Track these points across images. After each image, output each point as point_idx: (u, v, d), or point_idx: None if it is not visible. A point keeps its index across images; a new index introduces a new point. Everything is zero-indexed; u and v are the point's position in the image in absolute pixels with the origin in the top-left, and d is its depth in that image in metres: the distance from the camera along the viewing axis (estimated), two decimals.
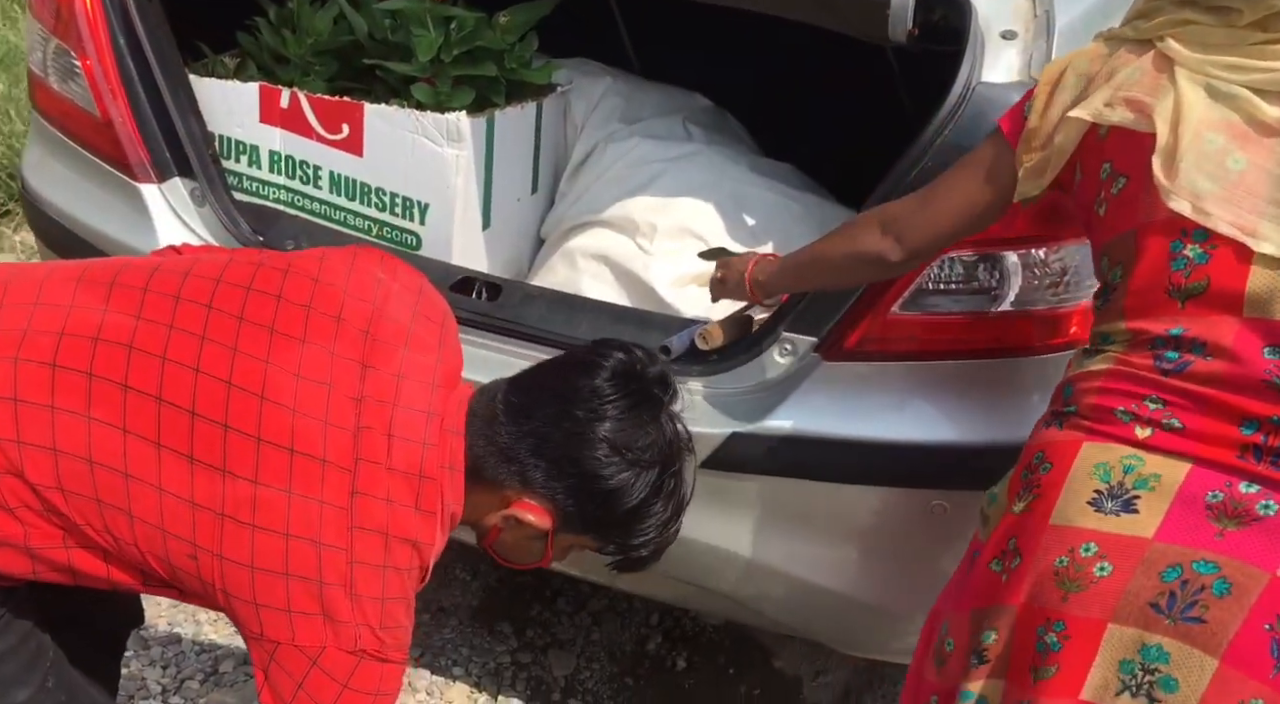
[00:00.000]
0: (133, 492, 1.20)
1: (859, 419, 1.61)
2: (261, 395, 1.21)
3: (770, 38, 2.35)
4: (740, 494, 1.69)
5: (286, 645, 1.21)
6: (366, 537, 1.21)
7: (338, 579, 1.20)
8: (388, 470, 1.23)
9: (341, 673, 1.21)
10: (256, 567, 1.20)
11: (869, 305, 1.57)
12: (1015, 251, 1.53)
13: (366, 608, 1.21)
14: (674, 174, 2.08)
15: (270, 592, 1.20)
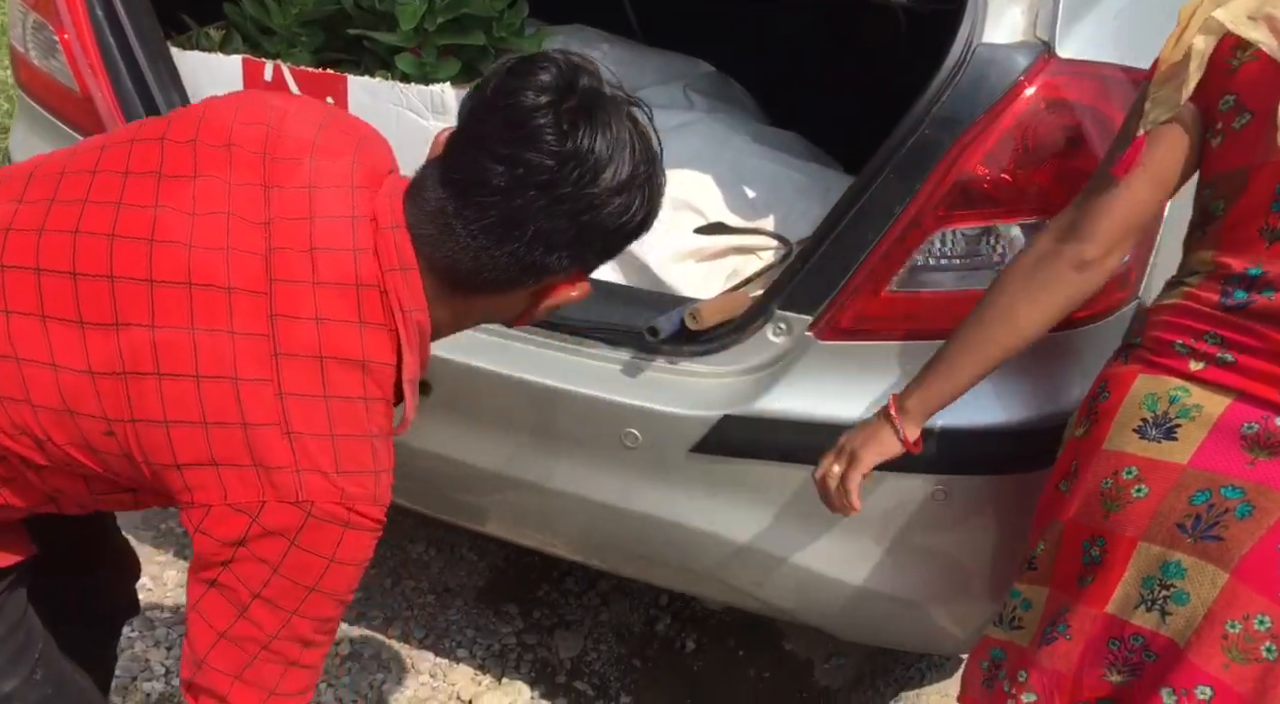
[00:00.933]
0: (28, 376, 1.08)
1: (854, 401, 1.54)
2: (150, 239, 1.09)
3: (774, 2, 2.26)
4: (733, 478, 1.63)
5: (219, 507, 1.07)
6: (295, 363, 1.06)
7: (266, 417, 1.05)
8: (313, 286, 1.08)
9: (287, 527, 1.06)
10: (170, 421, 1.06)
11: (863, 284, 1.50)
12: (1018, 221, 1.45)
13: (310, 448, 1.06)
14: (672, 144, 1.97)
15: (191, 446, 1.06)
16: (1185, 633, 1.25)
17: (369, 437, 1.10)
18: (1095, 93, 1.45)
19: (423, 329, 1.15)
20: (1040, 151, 1.42)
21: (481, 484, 1.83)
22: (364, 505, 1.09)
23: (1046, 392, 1.52)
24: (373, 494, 1.10)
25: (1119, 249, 1.30)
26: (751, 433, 1.58)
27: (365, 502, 1.09)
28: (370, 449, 1.10)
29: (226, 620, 1.11)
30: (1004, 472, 1.54)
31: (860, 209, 1.49)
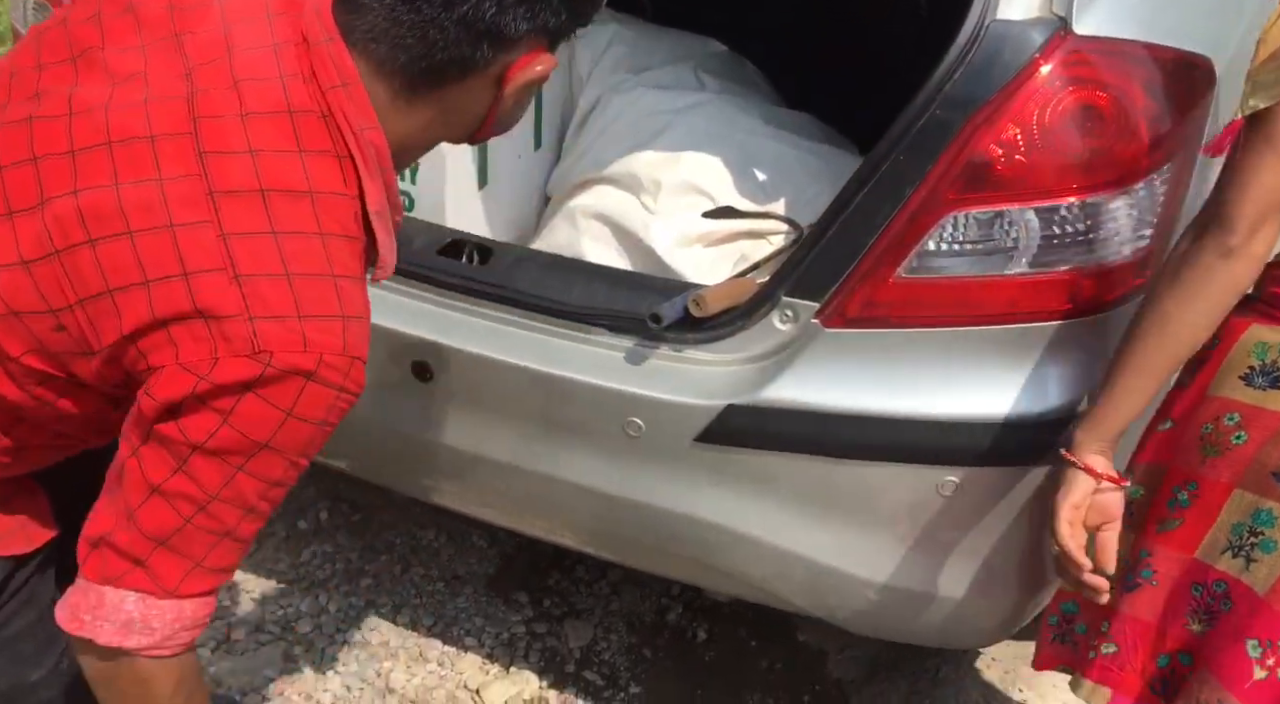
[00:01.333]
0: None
1: (861, 391, 1.49)
2: (69, 113, 1.02)
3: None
4: (738, 469, 1.59)
5: (170, 367, 0.97)
6: (234, 200, 0.97)
7: (210, 263, 0.96)
8: (241, 118, 0.99)
9: (241, 376, 0.97)
10: (113, 289, 0.98)
11: (871, 269, 1.45)
12: (1032, 206, 1.39)
13: (263, 291, 0.96)
14: (681, 126, 1.96)
15: (136, 311, 0.98)
16: (1268, 581, 1.26)
17: (332, 277, 1.00)
18: (1115, 71, 1.39)
19: (379, 150, 1.05)
20: (1057, 132, 1.37)
21: (485, 473, 1.80)
22: (331, 356, 0.98)
23: (1073, 378, 1.47)
24: (341, 343, 0.99)
25: (1262, 231, 1.21)
26: (756, 423, 1.54)
27: (332, 351, 0.98)
28: (334, 290, 0.99)
29: (162, 473, 1.01)
30: (1019, 463, 1.49)
31: (869, 192, 1.44)
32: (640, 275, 1.76)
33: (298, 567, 2.48)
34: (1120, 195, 1.39)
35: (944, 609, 1.67)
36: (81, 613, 1.06)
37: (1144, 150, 1.39)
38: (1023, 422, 1.46)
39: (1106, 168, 1.38)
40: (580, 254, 1.89)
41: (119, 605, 1.04)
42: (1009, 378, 1.47)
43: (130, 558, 1.04)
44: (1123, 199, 1.40)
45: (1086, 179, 1.37)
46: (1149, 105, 1.40)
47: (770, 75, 2.34)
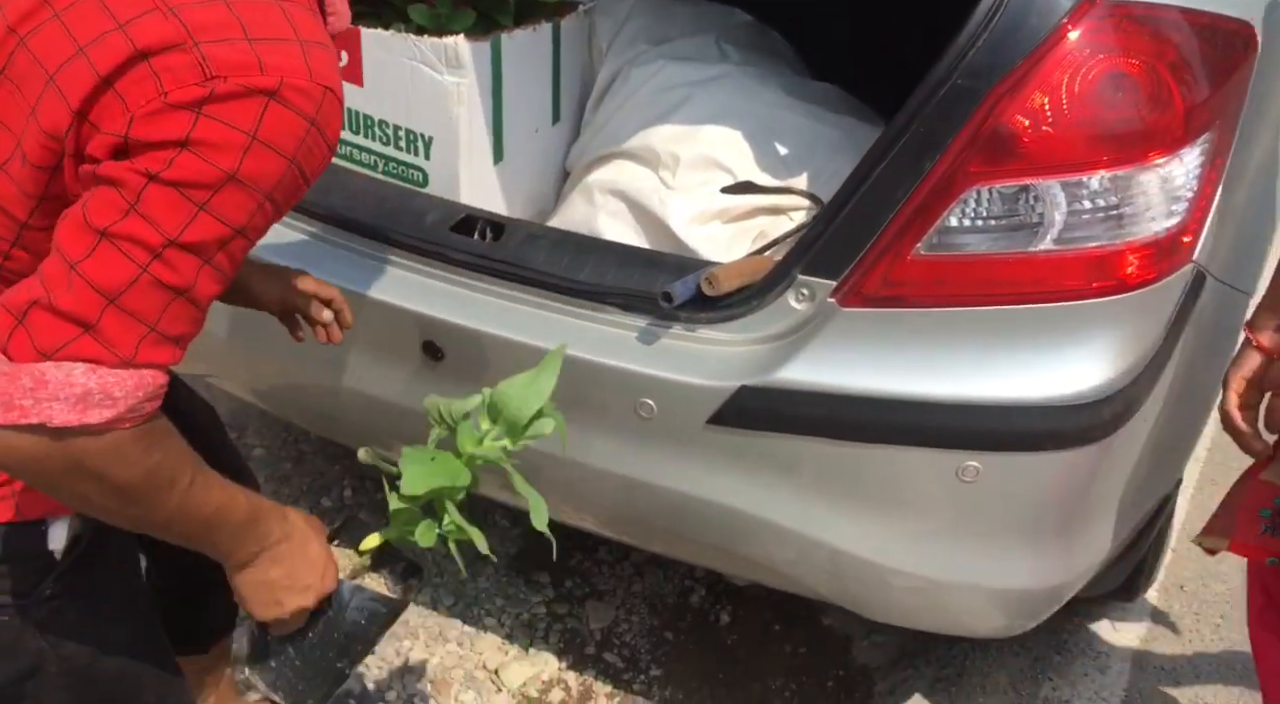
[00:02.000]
0: None
1: (879, 372, 1.44)
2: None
3: None
4: (752, 452, 1.55)
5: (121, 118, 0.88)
6: None
7: (140, 7, 0.90)
8: None
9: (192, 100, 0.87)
10: (53, 74, 0.91)
11: (889, 246, 1.39)
12: (1059, 179, 1.33)
13: (201, 17, 0.89)
14: (701, 99, 1.90)
15: (78, 81, 0.89)
16: None
17: (277, 4, 0.92)
18: (1147, 36, 1.32)
19: None
20: (1086, 101, 1.30)
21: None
22: (294, 78, 0.89)
23: (1103, 360, 1.40)
24: (304, 67, 0.90)
25: None
26: (770, 404, 1.49)
27: (295, 74, 0.89)
28: (282, 15, 0.92)
29: (111, 215, 0.89)
30: (1044, 448, 1.43)
31: (887, 165, 1.38)
32: (654, 253, 1.72)
33: None
34: (1152, 168, 1.33)
35: (967, 598, 1.62)
36: (17, 399, 0.88)
37: (1178, 120, 1.33)
38: (1048, 405, 1.40)
39: (1138, 139, 1.31)
40: (596, 231, 1.85)
41: (66, 380, 0.88)
42: (1034, 359, 1.41)
43: (74, 321, 0.89)
44: (1155, 172, 1.33)
45: (1116, 151, 1.30)
46: (1184, 73, 1.33)
47: (798, 45, 2.27)
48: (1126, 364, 1.39)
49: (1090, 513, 1.55)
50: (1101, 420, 1.40)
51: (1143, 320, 1.40)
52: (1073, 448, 1.41)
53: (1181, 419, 1.64)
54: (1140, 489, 1.63)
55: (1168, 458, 1.67)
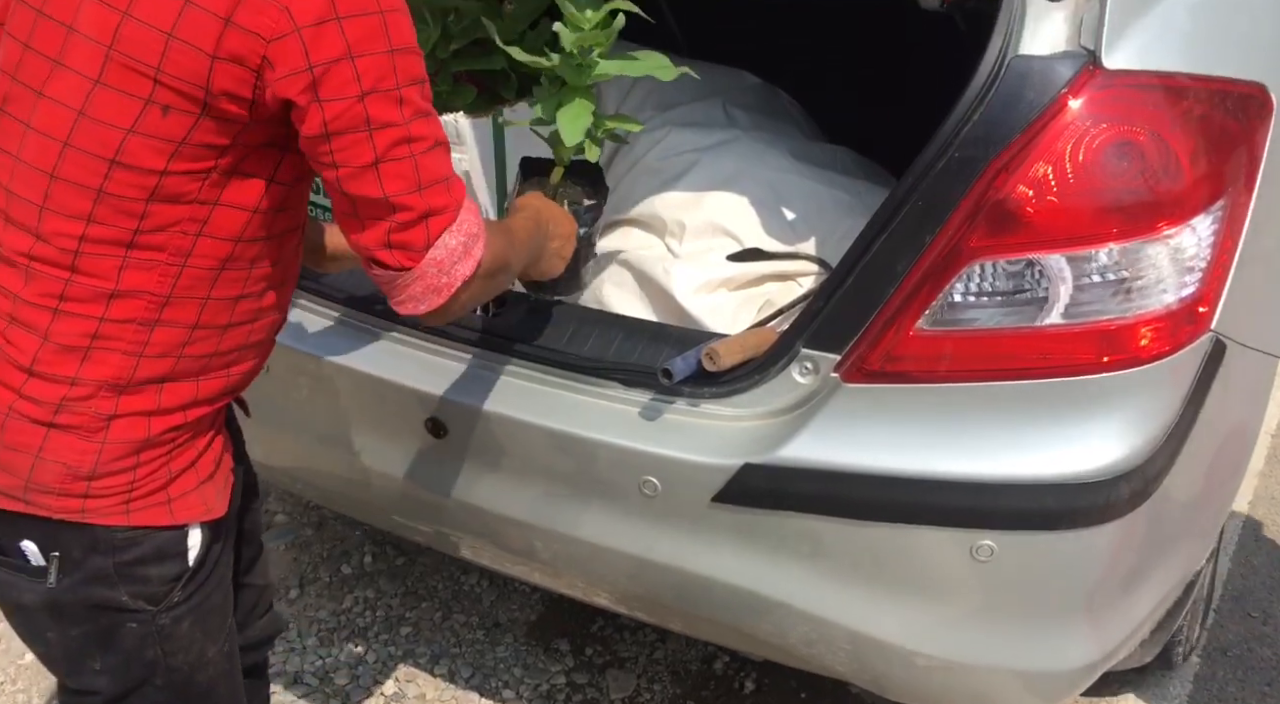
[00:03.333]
0: (81, 142, 1.09)
1: (886, 450, 1.40)
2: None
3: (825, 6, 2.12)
4: (760, 531, 1.50)
5: (268, 51, 1.04)
6: None
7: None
8: None
9: (320, 10, 1.04)
10: (172, 32, 1.05)
11: (891, 321, 1.36)
12: (1064, 252, 1.29)
13: None
14: (707, 165, 1.88)
15: (204, 32, 1.05)
16: None
17: None
18: (1152, 105, 1.28)
19: None
20: (1089, 172, 1.26)
21: (505, 531, 1.74)
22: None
23: (1107, 438, 1.35)
24: None
25: None
26: (776, 483, 1.45)
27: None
28: None
29: (367, 148, 1.08)
30: (1059, 528, 1.38)
31: (888, 238, 1.35)
32: (658, 326, 1.69)
33: (339, 614, 2.45)
34: (1162, 239, 1.28)
35: (993, 680, 1.56)
36: (439, 283, 1.16)
37: (1188, 190, 1.28)
38: (1063, 483, 1.35)
39: (1145, 210, 1.27)
40: (602, 300, 1.83)
41: (448, 251, 1.14)
42: (1047, 436, 1.36)
43: (419, 216, 1.12)
44: (1165, 243, 1.28)
45: (1123, 223, 1.26)
46: (1192, 140, 1.28)
47: (808, 106, 2.25)
48: (1143, 439, 1.34)
49: (1117, 590, 1.48)
50: (1120, 498, 1.35)
51: (1159, 393, 1.35)
52: (1091, 526, 1.36)
53: (1211, 489, 1.57)
54: (1171, 562, 1.57)
55: (1199, 529, 1.61)
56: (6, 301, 1.16)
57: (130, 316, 1.14)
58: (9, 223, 1.14)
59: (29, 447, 1.16)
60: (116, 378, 1.16)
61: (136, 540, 1.21)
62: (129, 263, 1.12)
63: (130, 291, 1.13)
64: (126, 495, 1.19)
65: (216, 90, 1.07)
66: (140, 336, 1.15)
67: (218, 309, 1.18)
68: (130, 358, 1.15)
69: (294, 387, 1.77)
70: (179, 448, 1.22)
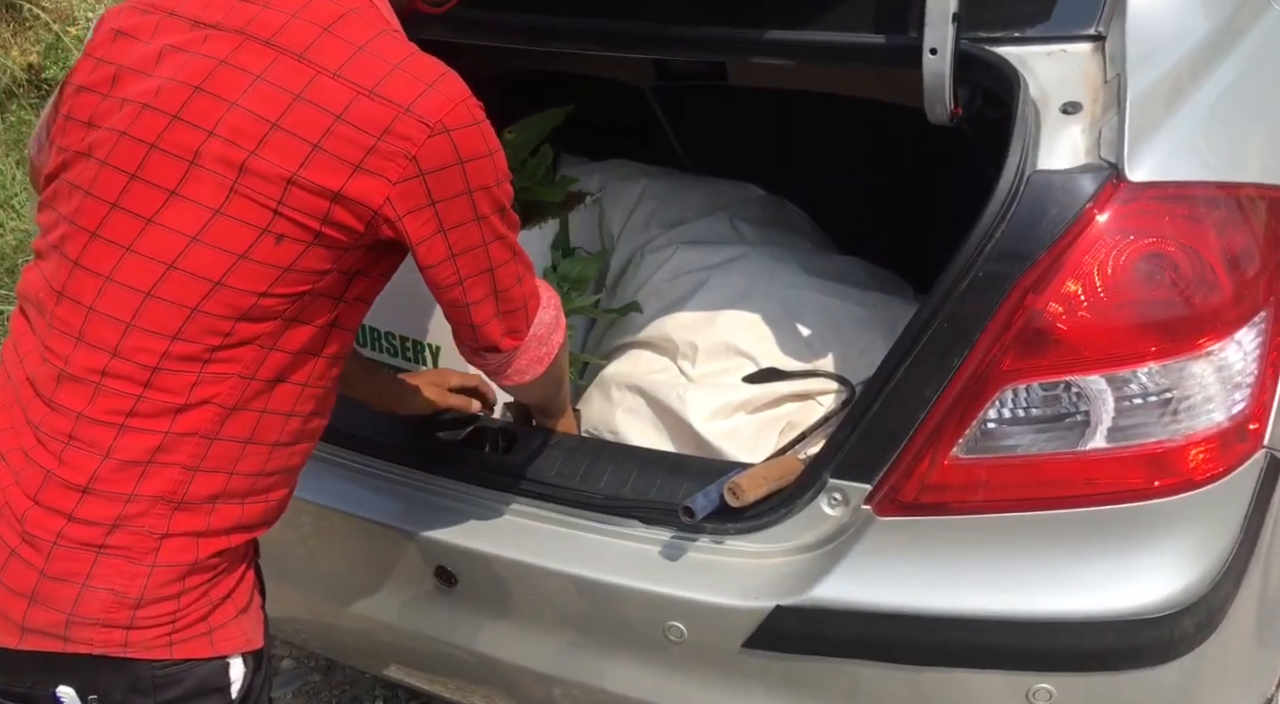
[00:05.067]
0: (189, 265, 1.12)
1: (927, 586, 1.31)
2: (146, 107, 1.16)
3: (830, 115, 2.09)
4: (795, 678, 1.41)
5: (390, 188, 1.11)
6: (316, 51, 1.14)
7: (345, 98, 1.11)
8: (264, 7, 1.17)
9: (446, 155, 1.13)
10: (294, 175, 1.10)
11: (925, 448, 1.28)
12: (1102, 373, 1.22)
13: (395, 84, 1.12)
14: (716, 283, 1.83)
15: (331, 173, 1.11)
16: None
17: (417, 52, 1.17)
18: (1181, 216, 1.23)
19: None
20: (1121, 289, 1.20)
21: (523, 683, 1.64)
22: (469, 98, 1.16)
23: (1165, 569, 1.26)
24: (463, 85, 1.17)
25: None
26: (810, 626, 1.36)
27: (466, 94, 1.16)
28: (428, 57, 1.17)
29: (484, 258, 1.21)
30: (1120, 669, 1.28)
31: (914, 362, 1.29)
32: (677, 457, 1.62)
33: None
34: (1205, 356, 1.21)
35: None
36: (540, 352, 1.34)
37: (1227, 302, 1.22)
38: (1121, 619, 1.25)
39: (1185, 325, 1.20)
40: (615, 429, 1.76)
41: (545, 323, 1.33)
42: (1100, 568, 1.27)
43: (520, 306, 1.28)
44: (1208, 359, 1.21)
45: (1162, 340, 1.20)
46: (1226, 250, 1.22)
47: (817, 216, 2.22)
48: (1204, 568, 1.25)
49: None
50: (1184, 633, 1.25)
51: (1216, 518, 1.26)
52: (1155, 665, 1.26)
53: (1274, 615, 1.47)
54: (1242, 694, 1.46)
55: (1267, 657, 1.50)
56: (67, 422, 1.14)
57: (194, 429, 1.14)
58: (81, 342, 1.14)
59: (76, 575, 1.12)
60: (173, 493, 1.14)
61: (178, 676, 1.17)
62: (203, 377, 1.14)
63: (199, 402, 1.14)
64: (170, 626, 1.16)
65: (333, 221, 1.13)
66: (200, 450, 1.15)
67: (270, 424, 1.20)
68: (187, 473, 1.15)
69: (296, 535, 1.69)
70: (220, 575, 1.20)
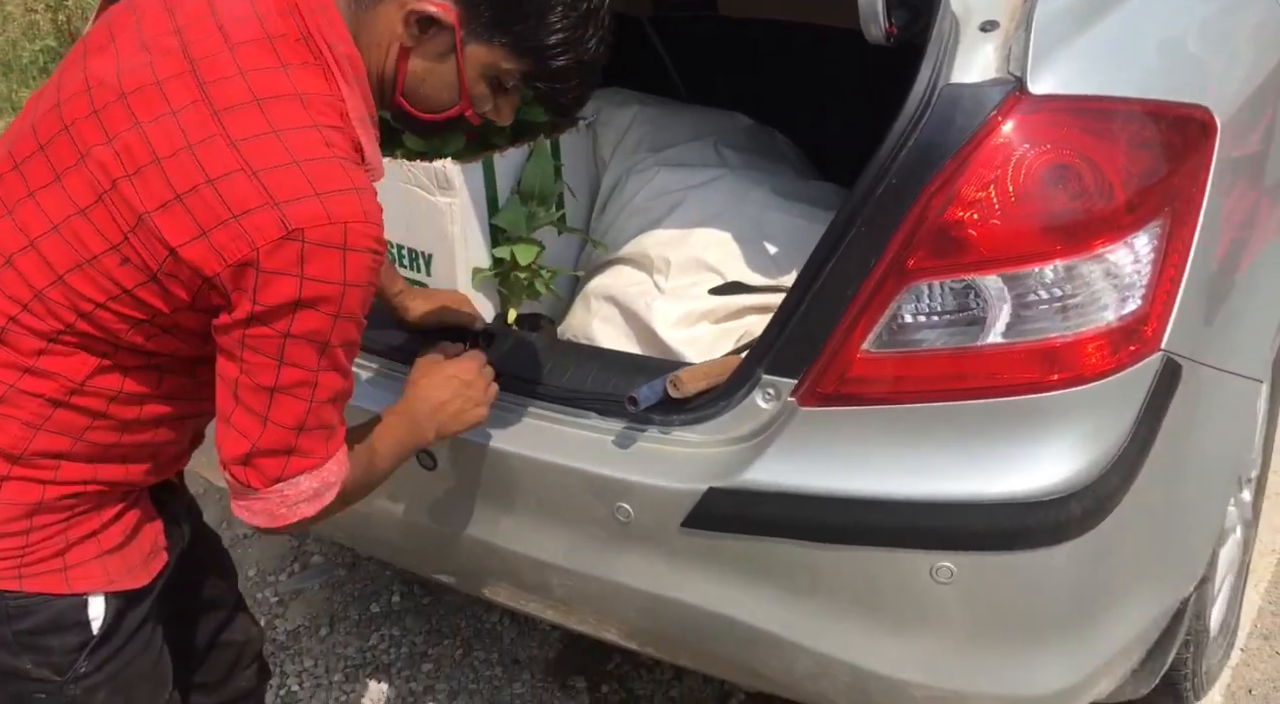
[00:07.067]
0: (44, 252, 1.17)
1: (841, 471, 1.42)
2: (86, 88, 1.18)
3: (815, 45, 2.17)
4: (728, 555, 1.53)
5: (224, 271, 1.11)
6: (235, 113, 1.12)
7: (226, 167, 1.11)
8: (229, 51, 1.15)
9: (289, 264, 1.10)
10: (150, 211, 1.12)
11: (840, 345, 1.39)
12: (999, 272, 1.31)
13: (279, 179, 1.10)
14: (693, 203, 1.94)
15: (177, 227, 1.11)
16: None
17: (335, 159, 1.14)
18: (1078, 127, 1.31)
19: (353, 61, 1.21)
20: (1019, 193, 1.29)
21: (495, 561, 1.79)
22: (355, 224, 1.12)
23: (1056, 457, 1.36)
24: (361, 211, 1.13)
25: None
26: (739, 507, 1.48)
27: (356, 219, 1.13)
28: (341, 169, 1.14)
29: (270, 373, 1.15)
30: (1014, 548, 1.38)
31: (836, 263, 1.39)
32: (638, 357, 1.74)
33: (365, 651, 2.52)
34: (1096, 258, 1.30)
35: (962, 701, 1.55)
36: (278, 512, 1.22)
37: (1119, 209, 1.30)
38: (1013, 502, 1.35)
39: (1079, 230, 1.29)
40: (590, 336, 1.89)
41: (298, 489, 1.21)
42: (997, 455, 1.37)
43: (282, 452, 1.19)
44: (1098, 262, 1.30)
45: (1057, 242, 1.28)
46: (1121, 161, 1.30)
47: (811, 146, 2.30)
48: (1092, 458, 1.34)
49: (1083, 614, 1.47)
50: (1071, 517, 1.35)
51: (1107, 412, 1.35)
52: (1045, 546, 1.36)
53: (1180, 513, 1.55)
54: (1145, 589, 1.55)
55: (1174, 555, 1.58)
56: None
57: (40, 391, 1.19)
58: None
59: None
60: (10, 448, 1.20)
61: (32, 609, 1.23)
62: (51, 350, 1.18)
63: (46, 373, 1.19)
64: (19, 560, 1.21)
65: (167, 272, 1.15)
66: (44, 411, 1.20)
67: (120, 410, 1.23)
68: (29, 430, 1.20)
69: None
70: (79, 516, 1.24)
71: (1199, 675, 1.95)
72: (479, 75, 1.25)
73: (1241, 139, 1.48)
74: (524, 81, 1.29)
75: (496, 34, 1.22)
